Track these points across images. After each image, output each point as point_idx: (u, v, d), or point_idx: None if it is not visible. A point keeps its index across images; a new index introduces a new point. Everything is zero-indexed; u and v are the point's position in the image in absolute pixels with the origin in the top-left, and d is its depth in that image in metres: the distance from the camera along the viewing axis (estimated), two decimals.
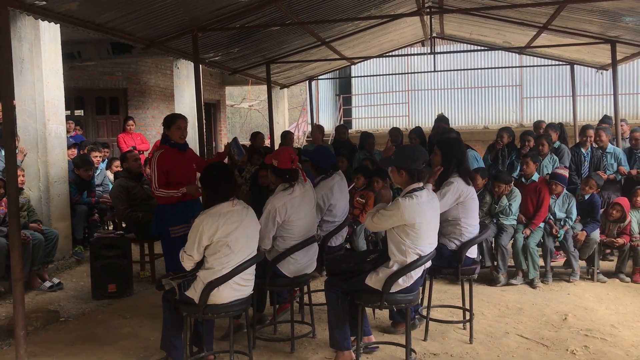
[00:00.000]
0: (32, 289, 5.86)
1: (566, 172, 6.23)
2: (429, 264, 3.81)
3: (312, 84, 13.97)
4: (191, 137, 8.61)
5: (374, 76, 17.40)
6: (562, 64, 11.80)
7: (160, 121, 6.13)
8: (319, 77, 14.86)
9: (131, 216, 6.31)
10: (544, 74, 16.59)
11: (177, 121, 5.00)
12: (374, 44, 11.00)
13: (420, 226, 3.60)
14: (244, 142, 9.95)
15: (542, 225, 5.96)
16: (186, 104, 10.04)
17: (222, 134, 15.35)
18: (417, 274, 3.71)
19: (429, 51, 10.61)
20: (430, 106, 17.71)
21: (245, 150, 6.13)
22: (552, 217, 6.03)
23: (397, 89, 18.13)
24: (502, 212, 5.97)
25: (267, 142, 10.85)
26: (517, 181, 6.26)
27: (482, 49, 11.92)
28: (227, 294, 3.54)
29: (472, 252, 4.43)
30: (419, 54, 15.20)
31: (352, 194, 6.22)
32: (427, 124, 15.29)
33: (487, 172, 6.33)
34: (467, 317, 4.54)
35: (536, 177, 6.17)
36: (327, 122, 18.04)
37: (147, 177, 6.71)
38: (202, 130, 6.82)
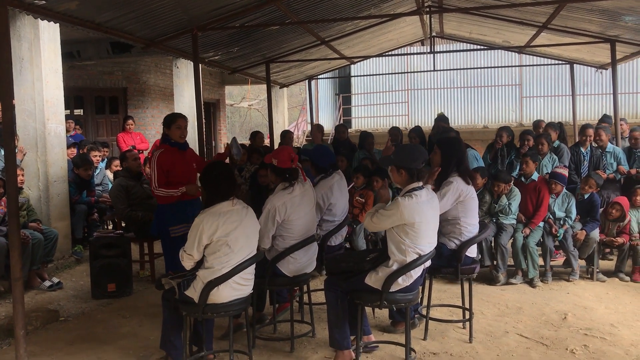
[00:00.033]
0: (32, 289, 5.86)
1: (566, 172, 6.24)
2: (428, 263, 3.81)
3: (312, 83, 13.95)
4: (191, 137, 8.61)
5: (373, 75, 17.36)
6: (562, 63, 11.81)
7: (159, 120, 6.13)
8: (319, 77, 14.83)
9: (131, 215, 6.31)
10: (544, 73, 16.57)
11: (177, 120, 4.99)
12: (373, 43, 10.99)
13: (419, 225, 3.60)
14: (244, 141, 9.95)
15: (542, 224, 5.97)
16: (186, 104, 10.02)
17: (222, 134, 15.33)
18: (416, 273, 3.71)
19: (429, 50, 10.58)
20: (429, 105, 17.69)
21: (243, 149, 6.13)
22: (552, 217, 6.03)
23: (397, 88, 18.11)
24: (501, 211, 5.98)
25: (266, 142, 10.83)
26: (516, 180, 6.26)
27: (482, 48, 11.90)
28: (226, 293, 3.54)
29: (472, 252, 4.43)
30: (418, 53, 15.15)
31: (352, 194, 6.23)
32: (426, 123, 15.29)
33: (487, 171, 6.33)
34: (467, 317, 4.55)
35: (536, 176, 6.17)
36: (327, 122, 18.04)
37: (146, 176, 6.71)
38: (202, 129, 6.82)
